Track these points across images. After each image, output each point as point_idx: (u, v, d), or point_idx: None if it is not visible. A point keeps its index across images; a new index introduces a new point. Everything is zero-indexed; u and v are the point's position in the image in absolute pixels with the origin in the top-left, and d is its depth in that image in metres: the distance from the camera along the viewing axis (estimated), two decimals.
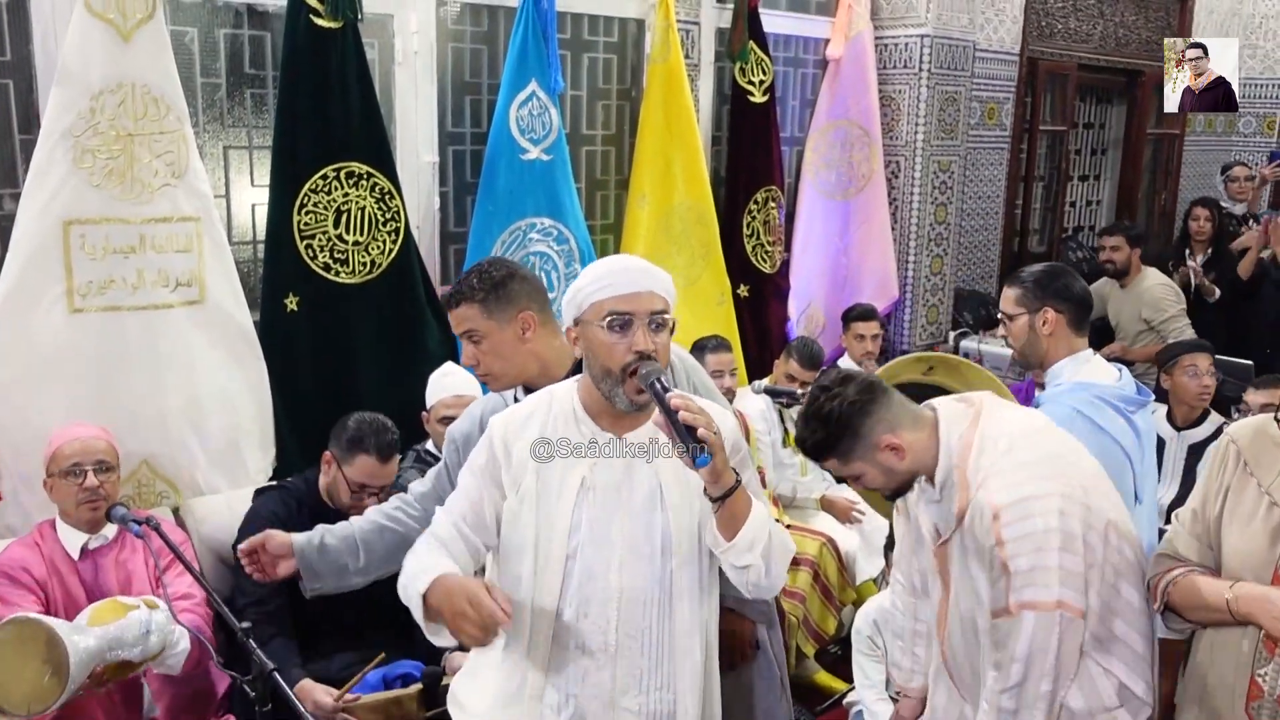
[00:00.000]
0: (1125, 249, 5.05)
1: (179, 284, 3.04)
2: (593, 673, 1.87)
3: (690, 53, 4.46)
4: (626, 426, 1.88)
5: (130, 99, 2.88)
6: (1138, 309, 5.05)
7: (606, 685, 1.87)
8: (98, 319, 2.91)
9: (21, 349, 2.81)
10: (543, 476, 1.87)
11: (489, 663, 1.95)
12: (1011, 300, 2.73)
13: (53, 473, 2.63)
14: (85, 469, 2.60)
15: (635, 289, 1.82)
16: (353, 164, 3.37)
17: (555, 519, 1.85)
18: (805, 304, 5.10)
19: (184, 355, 3.06)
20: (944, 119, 5.24)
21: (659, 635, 1.89)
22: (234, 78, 3.42)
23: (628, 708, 1.88)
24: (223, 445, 3.18)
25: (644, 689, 1.89)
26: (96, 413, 2.86)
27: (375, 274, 3.48)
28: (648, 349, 1.79)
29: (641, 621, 1.87)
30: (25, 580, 2.54)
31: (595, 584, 1.85)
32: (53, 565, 2.60)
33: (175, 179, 2.99)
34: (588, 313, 1.83)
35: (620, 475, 1.87)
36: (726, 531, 1.82)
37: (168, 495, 3.10)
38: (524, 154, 3.82)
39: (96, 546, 2.65)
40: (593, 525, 1.85)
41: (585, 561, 1.85)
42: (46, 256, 2.82)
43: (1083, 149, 7.30)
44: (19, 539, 2.65)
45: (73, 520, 2.62)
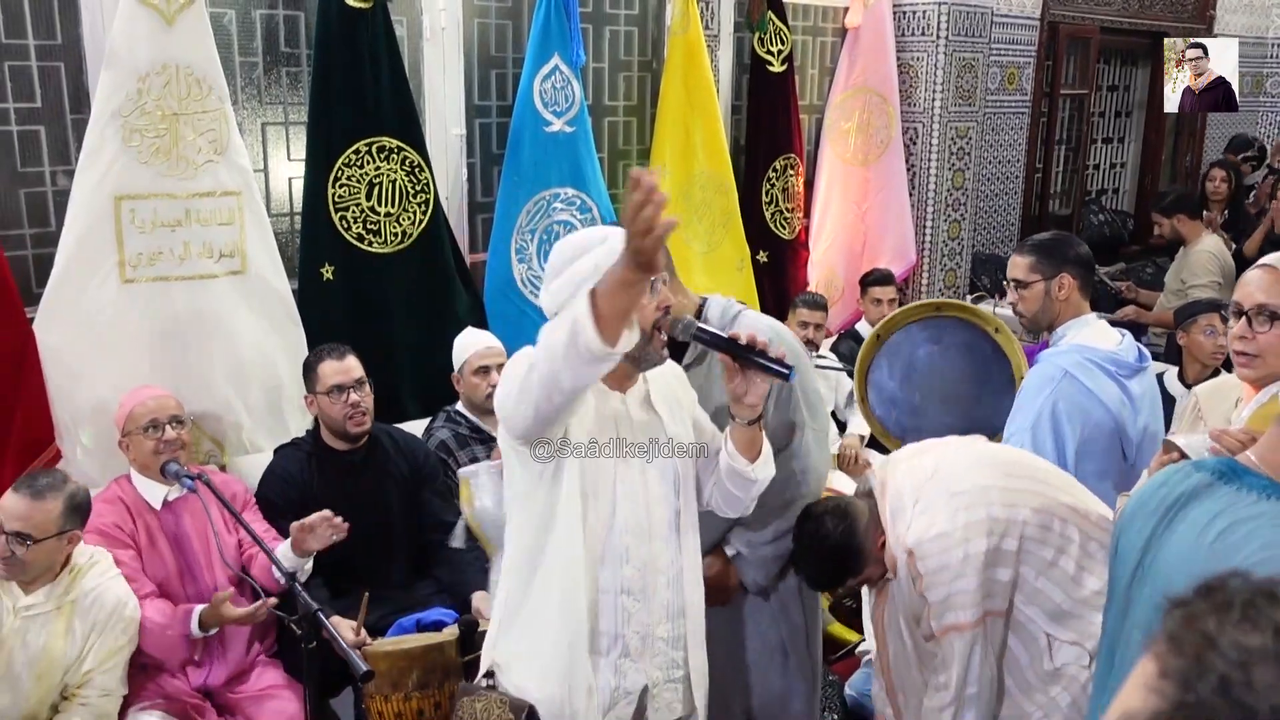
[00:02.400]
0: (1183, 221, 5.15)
1: (222, 255, 3.22)
2: (635, 612, 2.02)
3: (710, 23, 4.56)
4: (628, 385, 2.03)
5: (174, 80, 3.04)
6: (1180, 271, 5.14)
7: (645, 620, 2.03)
8: (147, 289, 3.09)
9: (78, 318, 2.99)
10: (585, 431, 1.96)
11: (544, 609, 2.01)
12: (1025, 267, 2.77)
13: (129, 431, 2.81)
14: (163, 424, 2.79)
15: None
16: (384, 138, 3.53)
17: (600, 475, 1.97)
18: (824, 269, 5.22)
19: (228, 323, 3.24)
20: (961, 85, 5.31)
21: (676, 569, 2.06)
22: (270, 57, 3.58)
23: (660, 637, 2.05)
24: (264, 406, 3.36)
25: (669, 617, 2.06)
26: (148, 377, 3.04)
27: (406, 244, 3.65)
28: (669, 302, 1.96)
29: (664, 558, 2.04)
30: (121, 538, 2.73)
31: (631, 533, 1.99)
32: (138, 515, 2.79)
33: (217, 155, 3.16)
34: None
35: (638, 427, 2.02)
36: (749, 451, 2.01)
37: (215, 454, 3.29)
38: (547, 126, 3.95)
39: (175, 498, 2.83)
40: (626, 479, 1.99)
41: (624, 512, 1.99)
42: (99, 230, 2.99)
43: (1106, 111, 7.32)
44: (101, 494, 2.80)
45: (150, 473, 2.81)
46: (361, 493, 2.96)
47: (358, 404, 2.95)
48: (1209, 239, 5.19)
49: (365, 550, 2.90)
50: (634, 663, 2.03)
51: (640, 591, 2.01)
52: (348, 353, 3.03)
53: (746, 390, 1.93)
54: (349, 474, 2.98)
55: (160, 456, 2.75)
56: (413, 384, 3.71)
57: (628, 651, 2.02)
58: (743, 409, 1.97)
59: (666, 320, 1.94)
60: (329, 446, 3.02)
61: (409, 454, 3.08)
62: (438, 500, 3.06)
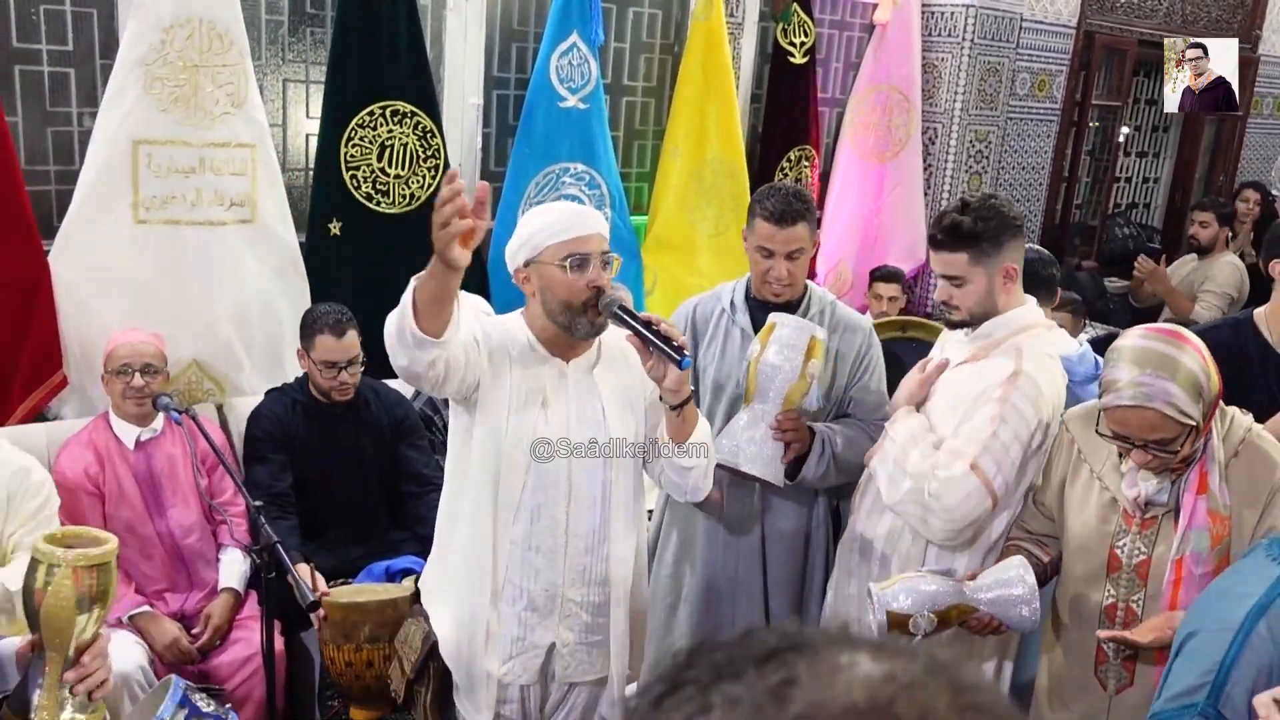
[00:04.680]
0: (1214, 226, 5.17)
1: (233, 204, 3.36)
2: (544, 570, 2.12)
3: (734, 11, 4.63)
4: (574, 353, 2.14)
5: (197, 33, 3.18)
6: (1200, 282, 5.14)
7: (555, 580, 2.13)
8: (159, 230, 3.24)
9: (91, 253, 3.15)
10: (507, 390, 2.07)
11: (456, 552, 2.17)
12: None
13: (108, 369, 2.96)
14: (134, 370, 2.91)
15: (585, 231, 2.04)
16: (398, 103, 3.65)
17: (522, 431, 2.07)
18: (835, 261, 5.27)
19: (234, 268, 3.39)
20: (984, 89, 5.33)
21: (600, 535, 2.16)
22: (295, 16, 3.71)
23: (571, 599, 2.15)
24: (265, 351, 3.51)
25: (586, 582, 2.16)
26: (154, 313, 3.20)
27: (414, 206, 3.77)
28: (603, 283, 2.04)
29: (586, 523, 2.14)
30: (88, 488, 2.87)
31: (548, 491, 2.10)
32: (107, 456, 2.93)
33: (234, 108, 3.30)
34: (545, 254, 2.04)
35: (571, 395, 2.12)
36: (678, 436, 2.10)
37: (214, 393, 3.45)
38: (562, 101, 4.05)
39: (148, 439, 2.98)
40: (549, 439, 2.09)
41: (541, 471, 2.09)
42: (117, 172, 3.14)
43: (1143, 125, 7.28)
44: (73, 437, 2.98)
45: (121, 414, 2.96)
46: (340, 442, 3.11)
47: (345, 382, 3.08)
48: (1231, 256, 5.21)
49: (343, 495, 3.06)
50: (541, 619, 2.13)
51: (550, 550, 2.10)
52: (348, 327, 3.08)
53: (663, 374, 1.99)
54: (329, 424, 3.13)
55: (127, 400, 2.90)
56: None
57: (534, 606, 2.12)
58: (665, 393, 2.04)
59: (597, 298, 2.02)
60: (314, 397, 3.15)
61: (390, 409, 3.22)
62: (415, 455, 3.20)
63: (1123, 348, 1.89)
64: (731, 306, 2.62)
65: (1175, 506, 1.95)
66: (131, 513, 2.91)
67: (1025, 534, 2.24)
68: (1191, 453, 1.91)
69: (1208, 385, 1.85)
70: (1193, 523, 1.91)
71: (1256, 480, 1.92)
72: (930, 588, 2.04)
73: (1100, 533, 2.05)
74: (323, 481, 3.07)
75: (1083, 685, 2.12)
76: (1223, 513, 1.91)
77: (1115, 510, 2.04)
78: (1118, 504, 2.03)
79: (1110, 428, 1.92)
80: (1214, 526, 1.90)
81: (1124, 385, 1.85)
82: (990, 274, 2.22)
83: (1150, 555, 1.99)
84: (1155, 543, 1.98)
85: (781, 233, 2.48)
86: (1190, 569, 1.91)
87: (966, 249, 2.20)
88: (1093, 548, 2.06)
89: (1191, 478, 1.92)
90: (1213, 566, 1.90)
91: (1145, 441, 1.87)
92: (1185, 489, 1.93)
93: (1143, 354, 1.86)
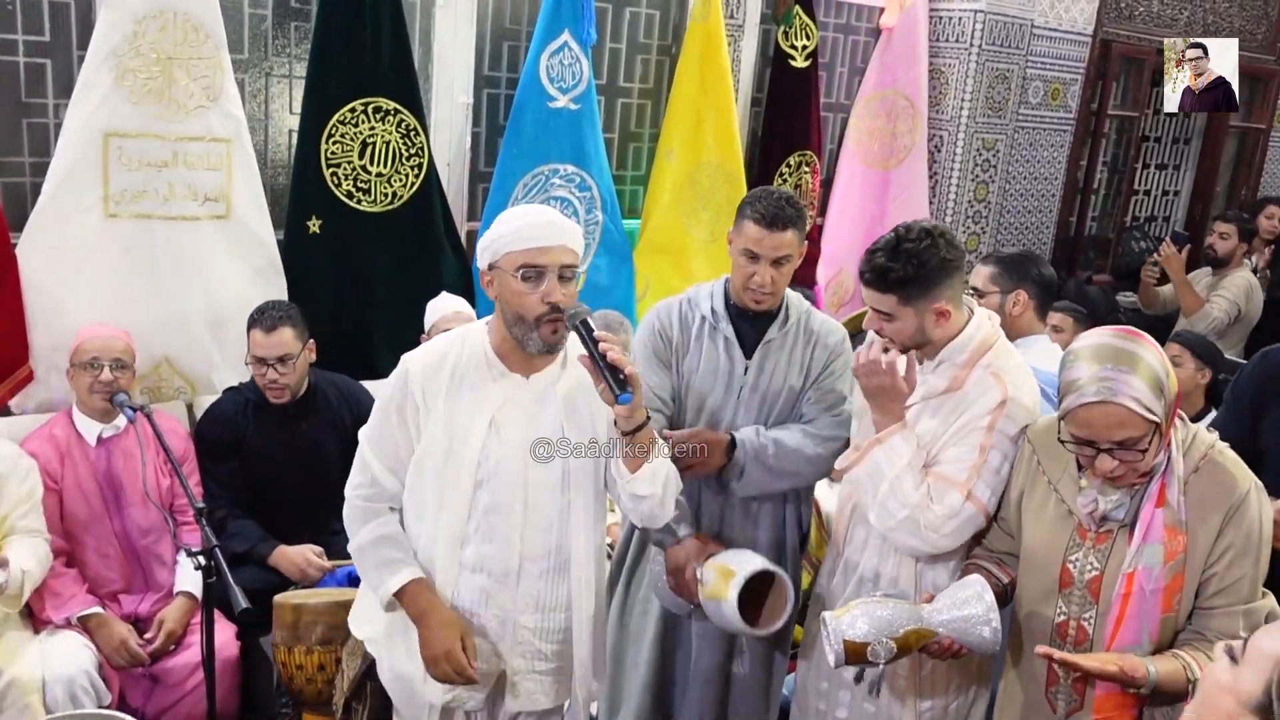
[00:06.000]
0: (1234, 239, 5.07)
1: (207, 199, 3.30)
2: (496, 594, 2.03)
3: (735, 13, 4.54)
4: (533, 368, 2.03)
5: (171, 25, 3.13)
6: (1216, 282, 5.06)
7: (507, 605, 2.04)
8: (130, 225, 3.19)
9: (59, 246, 3.10)
10: (452, 414, 1.99)
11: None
12: (986, 277, 2.88)
13: (74, 364, 2.92)
14: (103, 364, 2.87)
15: (547, 242, 1.92)
16: (380, 100, 3.58)
17: (465, 453, 1.98)
18: (836, 270, 5.17)
19: (207, 265, 3.33)
20: (992, 96, 5.21)
21: (557, 560, 2.06)
22: (279, 10, 3.66)
23: (525, 625, 2.06)
24: (238, 350, 3.44)
25: (540, 608, 2.07)
26: (123, 309, 3.15)
27: (396, 205, 3.70)
28: (558, 300, 1.92)
29: (542, 547, 2.04)
30: (47, 483, 2.80)
31: (500, 514, 2.00)
32: (67, 452, 2.88)
33: (210, 102, 3.24)
34: (502, 261, 1.95)
35: (526, 413, 2.02)
36: (631, 464, 1.98)
37: (184, 391, 3.39)
38: (552, 102, 3.97)
39: (110, 436, 2.93)
40: (500, 460, 1.99)
41: (492, 492, 2.00)
42: (87, 164, 3.09)
43: (1164, 137, 7.12)
44: (35, 431, 2.94)
45: (86, 409, 2.91)
46: (298, 442, 3.04)
47: (275, 381, 3.01)
48: (1247, 272, 5.10)
49: (301, 495, 2.98)
50: (491, 645, 2.05)
51: (502, 575, 2.02)
52: (282, 325, 3.03)
53: (612, 399, 1.90)
54: (284, 423, 3.06)
55: (94, 395, 2.85)
56: (390, 342, 3.75)
57: (484, 633, 2.04)
58: (618, 418, 1.94)
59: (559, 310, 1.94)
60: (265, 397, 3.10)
61: (353, 404, 3.14)
62: None
63: (1079, 349, 1.85)
64: (713, 314, 2.52)
65: (1132, 521, 1.88)
66: (89, 510, 2.86)
67: (986, 553, 2.14)
68: (1152, 467, 1.84)
69: (1168, 383, 1.81)
70: (1148, 536, 1.84)
71: (1216, 497, 1.85)
72: (885, 612, 1.94)
73: (1054, 546, 1.97)
74: (277, 482, 2.99)
75: (1034, 707, 2.04)
76: (1179, 528, 1.84)
77: (1070, 523, 1.96)
78: (1073, 517, 1.95)
79: (1072, 432, 1.84)
80: (1169, 541, 1.83)
81: (1085, 382, 1.79)
82: (920, 314, 2.09)
83: (1103, 571, 1.91)
84: (1109, 558, 1.90)
85: (770, 237, 2.38)
86: (1141, 584, 1.84)
87: (894, 293, 2.08)
88: (1046, 562, 1.98)
89: (1151, 489, 1.85)
90: (1164, 584, 1.83)
91: (1111, 444, 1.79)
92: (1145, 500, 1.86)
93: (1100, 350, 1.82)
